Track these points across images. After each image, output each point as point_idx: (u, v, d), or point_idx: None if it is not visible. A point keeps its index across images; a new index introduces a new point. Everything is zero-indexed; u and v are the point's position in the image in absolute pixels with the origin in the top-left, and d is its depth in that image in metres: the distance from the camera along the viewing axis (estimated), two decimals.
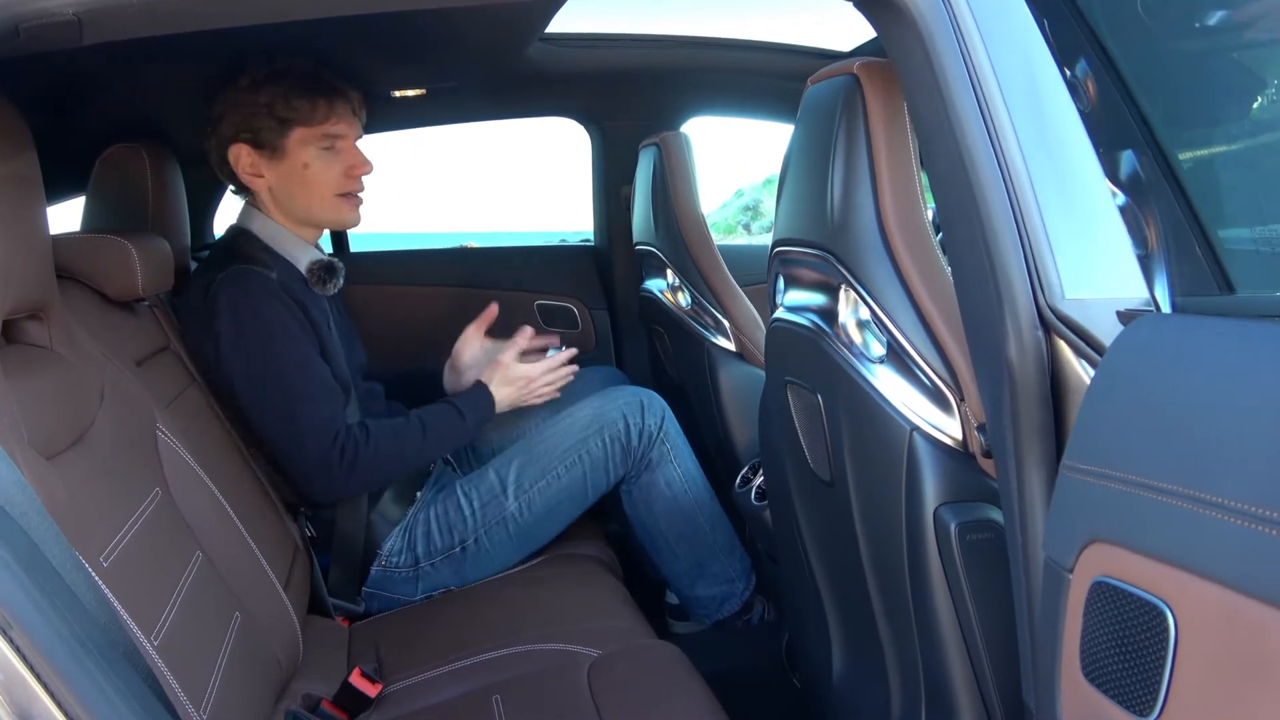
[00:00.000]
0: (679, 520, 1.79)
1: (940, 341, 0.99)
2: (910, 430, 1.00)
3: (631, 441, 1.72)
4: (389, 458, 1.59)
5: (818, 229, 1.12)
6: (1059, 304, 0.76)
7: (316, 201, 1.65)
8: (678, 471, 1.78)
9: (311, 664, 1.43)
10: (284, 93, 1.58)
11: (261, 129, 1.60)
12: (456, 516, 1.67)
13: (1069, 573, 0.59)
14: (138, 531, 1.05)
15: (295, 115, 1.59)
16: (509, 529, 1.68)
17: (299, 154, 1.62)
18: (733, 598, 1.84)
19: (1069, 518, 0.61)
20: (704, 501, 1.82)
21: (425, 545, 1.67)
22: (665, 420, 1.76)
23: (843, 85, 1.06)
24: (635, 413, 1.73)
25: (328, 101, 1.61)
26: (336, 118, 1.62)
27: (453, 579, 1.68)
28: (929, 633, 1.03)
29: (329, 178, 1.64)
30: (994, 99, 0.80)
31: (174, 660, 0.96)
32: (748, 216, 11.70)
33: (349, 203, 1.68)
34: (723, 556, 1.83)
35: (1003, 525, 0.96)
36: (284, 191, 1.65)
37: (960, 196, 0.81)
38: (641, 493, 1.77)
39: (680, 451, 1.78)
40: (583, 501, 1.73)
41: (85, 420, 1.06)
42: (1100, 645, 0.55)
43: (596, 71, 2.09)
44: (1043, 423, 0.78)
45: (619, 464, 1.73)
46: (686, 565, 1.81)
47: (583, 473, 1.70)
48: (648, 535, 1.81)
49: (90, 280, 1.33)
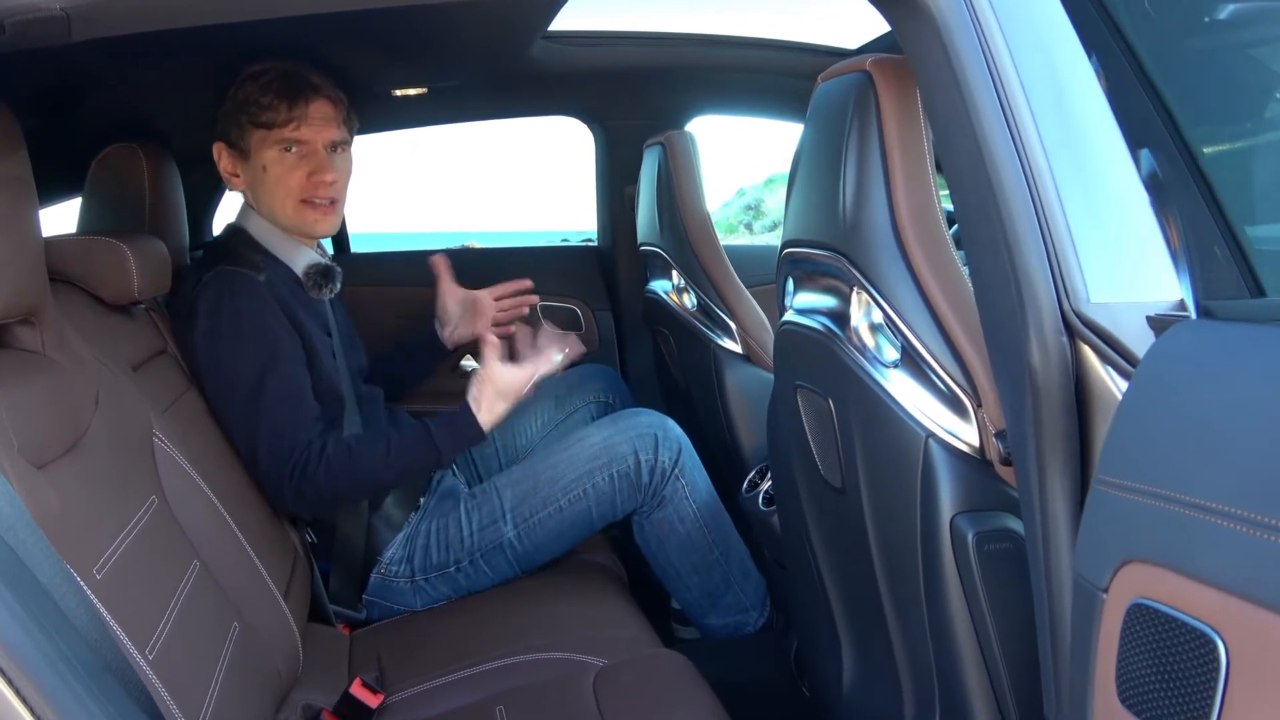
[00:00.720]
0: (692, 555, 1.71)
1: (956, 345, 0.96)
2: (925, 437, 0.97)
3: (642, 479, 1.64)
4: (342, 479, 1.49)
5: (829, 229, 1.09)
6: (1084, 308, 0.74)
7: (279, 206, 1.60)
8: (692, 508, 1.69)
9: (312, 674, 1.40)
10: (256, 92, 1.55)
11: (233, 128, 1.58)
12: (455, 536, 1.63)
13: (1103, 592, 0.56)
14: (133, 541, 1.03)
15: (260, 117, 1.55)
16: (505, 555, 1.63)
17: (259, 155, 1.58)
18: (745, 626, 1.79)
19: (1102, 534, 0.58)
20: (720, 536, 1.74)
21: (423, 559, 1.63)
22: (681, 455, 1.67)
23: (855, 83, 1.03)
24: (648, 448, 1.64)
25: (289, 104, 1.55)
26: (296, 122, 1.56)
27: (450, 593, 1.65)
28: (945, 644, 1.00)
29: (289, 183, 1.58)
30: (1015, 95, 0.77)
31: (169, 674, 0.94)
32: (749, 216, 11.69)
33: (314, 210, 1.60)
34: (737, 586, 1.77)
35: (1022, 535, 0.93)
36: (254, 194, 1.62)
37: (980, 196, 0.78)
38: (654, 529, 1.69)
39: (696, 484, 1.70)
40: (587, 531, 1.67)
41: (79, 427, 1.04)
42: (1140, 671, 0.52)
43: (600, 70, 2.06)
44: (1066, 431, 0.75)
45: (627, 500, 1.65)
46: (699, 596, 1.75)
47: (587, 506, 1.63)
48: (660, 568, 1.75)
49: (85, 283, 1.31)
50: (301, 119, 1.56)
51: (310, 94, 1.57)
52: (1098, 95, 0.76)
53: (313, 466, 1.47)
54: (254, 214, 1.65)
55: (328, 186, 1.59)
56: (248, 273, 1.53)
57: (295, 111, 1.55)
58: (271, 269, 1.58)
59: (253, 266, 1.55)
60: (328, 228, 1.65)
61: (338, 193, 1.63)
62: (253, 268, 1.55)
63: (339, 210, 1.65)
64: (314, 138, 1.58)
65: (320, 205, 1.61)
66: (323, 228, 1.64)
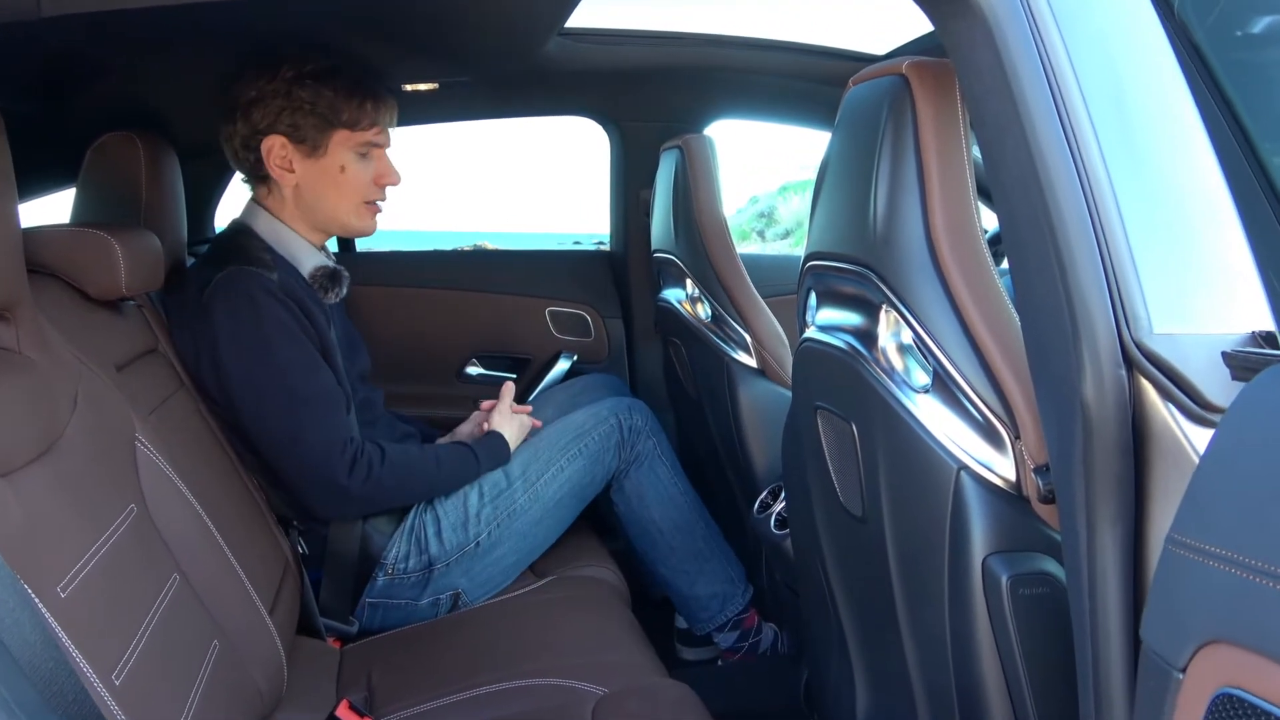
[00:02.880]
0: (673, 510, 1.81)
1: (994, 371, 0.89)
2: (957, 469, 0.90)
3: (623, 435, 1.77)
4: (400, 481, 1.56)
5: (857, 242, 1.02)
6: (1146, 339, 0.66)
7: (345, 205, 1.61)
8: (665, 465, 1.82)
9: (298, 692, 1.34)
10: (333, 92, 1.55)
11: (304, 125, 1.55)
12: (469, 513, 1.64)
13: (1180, 672, 0.49)
14: (107, 553, 0.96)
15: (342, 117, 1.56)
16: (519, 523, 1.66)
17: (337, 155, 1.58)
18: (734, 598, 1.84)
19: (1179, 604, 0.51)
20: (694, 501, 1.85)
21: (438, 545, 1.62)
22: (650, 420, 1.81)
23: (890, 86, 0.97)
24: (624, 412, 1.78)
25: (375, 109, 1.58)
26: (379, 127, 1.60)
27: (462, 579, 1.62)
28: (972, 694, 0.93)
29: (360, 183, 1.61)
30: (1073, 101, 0.70)
31: (136, 700, 0.87)
32: (762, 223, 11.64)
33: (371, 210, 1.65)
34: (719, 554, 1.85)
35: (1061, 579, 0.86)
36: (311, 190, 1.60)
37: (1031, 212, 0.72)
38: (633, 487, 1.80)
39: (665, 449, 1.83)
40: (583, 494, 1.74)
41: (53, 431, 0.97)
42: None
43: (616, 69, 1.99)
44: (1121, 475, 0.68)
45: (613, 456, 1.76)
46: (684, 559, 1.82)
47: (584, 464, 1.72)
48: (644, 532, 1.82)
49: (70, 277, 1.24)
50: (383, 125, 1.61)
51: (387, 100, 1.62)
52: (1171, 101, 0.69)
53: (375, 466, 1.51)
54: (262, 212, 1.61)
55: (386, 190, 1.65)
56: (262, 272, 1.49)
57: (380, 116, 1.60)
58: (281, 269, 1.54)
59: (265, 266, 1.51)
60: (375, 226, 1.69)
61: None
62: (266, 267, 1.51)
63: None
64: (385, 143, 1.63)
65: (376, 206, 1.66)
66: (372, 227, 1.69)
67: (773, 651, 1.84)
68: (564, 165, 7.60)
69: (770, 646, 1.85)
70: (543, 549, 1.72)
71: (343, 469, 1.48)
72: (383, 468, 1.52)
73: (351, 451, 1.49)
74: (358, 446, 1.50)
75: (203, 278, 1.49)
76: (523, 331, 2.35)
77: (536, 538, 1.69)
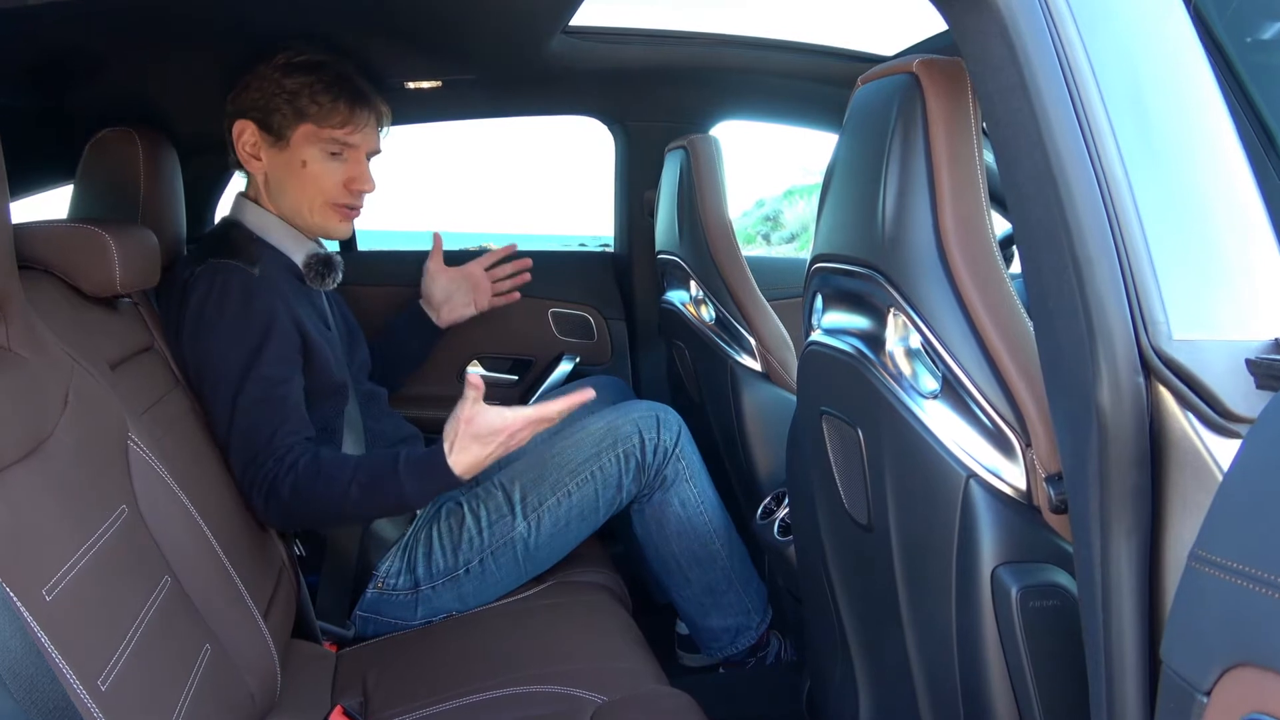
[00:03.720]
0: (693, 543, 1.70)
1: (1004, 377, 0.86)
2: (966, 477, 0.87)
3: (646, 458, 1.63)
4: (304, 499, 1.36)
5: (865, 244, 1.00)
6: (1165, 345, 0.64)
7: (305, 202, 1.56)
8: (693, 491, 1.69)
9: (292, 696, 1.31)
10: (310, 84, 1.51)
11: (274, 112, 1.52)
12: (462, 536, 1.57)
13: (1204, 695, 0.46)
14: (96, 555, 0.94)
15: (311, 110, 1.51)
16: (516, 550, 1.58)
17: (301, 149, 1.54)
18: (748, 631, 1.75)
19: (1203, 624, 0.49)
20: (719, 526, 1.72)
21: (426, 566, 1.57)
22: (681, 436, 1.67)
23: (900, 85, 0.94)
24: (651, 428, 1.64)
25: (349, 107, 1.53)
26: (353, 127, 1.54)
27: (454, 602, 1.58)
28: (978, 708, 0.91)
29: (326, 183, 1.56)
30: (1091, 100, 0.68)
31: (121, 707, 0.85)
32: (768, 227, 11.62)
33: (339, 213, 1.59)
34: (738, 586, 1.74)
35: (1072, 592, 0.84)
36: (277, 182, 1.57)
37: (1046, 213, 0.69)
38: (654, 512, 1.68)
39: (696, 471, 1.69)
40: (593, 520, 1.64)
41: (42, 430, 0.95)
42: None
43: (621, 68, 1.97)
44: (1137, 486, 0.66)
45: (632, 481, 1.64)
46: (699, 592, 1.72)
47: (594, 490, 1.61)
48: (659, 559, 1.72)
49: (63, 274, 1.22)
50: (358, 125, 1.55)
51: (369, 104, 1.56)
52: (1196, 96, 0.66)
53: (280, 477, 1.36)
54: (250, 205, 1.59)
55: (361, 195, 1.59)
56: (241, 265, 1.46)
57: (355, 118, 1.54)
58: (268, 261, 1.52)
59: (247, 259, 1.48)
60: (347, 230, 1.63)
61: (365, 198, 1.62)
62: (247, 260, 1.48)
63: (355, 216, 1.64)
64: (361, 145, 1.57)
65: (348, 209, 1.59)
66: (343, 230, 1.62)
67: (776, 659, 1.81)
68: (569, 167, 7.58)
69: (774, 655, 1.82)
70: (541, 570, 1.64)
71: (250, 474, 1.37)
72: (287, 477, 1.36)
73: (263, 459, 1.37)
74: (275, 454, 1.37)
75: (186, 271, 1.47)
76: (525, 332, 2.33)
77: (535, 563, 1.62)
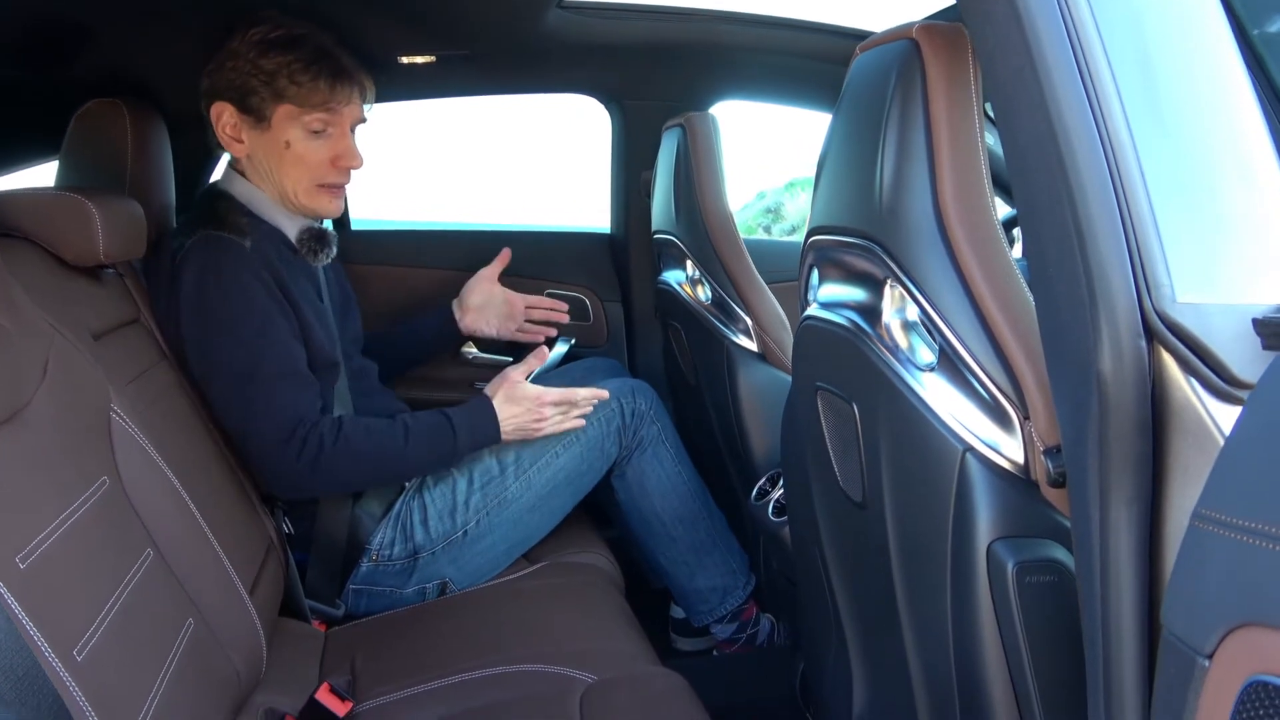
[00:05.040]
0: (674, 501, 1.75)
1: (1003, 348, 0.85)
2: (963, 450, 0.86)
3: (625, 420, 1.70)
4: (358, 460, 1.45)
5: (862, 215, 0.98)
6: (1168, 308, 0.62)
7: (291, 184, 1.53)
8: (670, 453, 1.75)
9: (279, 674, 1.30)
10: (288, 64, 1.46)
11: (251, 94, 1.48)
12: (456, 500, 1.59)
13: (1206, 659, 0.45)
14: (75, 525, 0.93)
15: (291, 91, 1.47)
16: (509, 511, 1.61)
17: (283, 130, 1.50)
18: (734, 591, 1.79)
19: (1206, 585, 0.47)
20: (698, 488, 1.79)
21: (424, 533, 1.57)
22: (655, 403, 1.75)
23: (899, 51, 0.92)
24: (627, 395, 1.72)
25: (330, 85, 1.49)
26: (336, 103, 1.50)
27: (450, 568, 1.58)
28: (973, 684, 0.89)
29: (312, 163, 1.52)
30: (1095, 58, 0.66)
31: (97, 679, 0.83)
32: (769, 219, 11.60)
33: (328, 193, 1.55)
34: (722, 546, 1.79)
35: (1069, 567, 0.82)
36: (262, 164, 1.53)
37: (1048, 175, 0.67)
38: (635, 474, 1.74)
39: (671, 434, 1.76)
40: (579, 484, 1.68)
41: (19, 398, 0.93)
42: None
43: (618, 44, 1.94)
44: (1139, 453, 0.64)
45: (613, 443, 1.70)
46: (685, 551, 1.77)
47: (580, 452, 1.66)
48: (643, 522, 1.76)
49: (45, 242, 1.20)
50: (340, 102, 1.51)
51: (350, 78, 1.52)
52: (1207, 50, 0.64)
53: (329, 443, 1.42)
54: (239, 178, 1.55)
55: (349, 171, 1.55)
56: (233, 238, 1.44)
57: (337, 95, 1.50)
58: (260, 234, 1.49)
59: (238, 232, 1.45)
60: (337, 208, 1.59)
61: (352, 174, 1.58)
62: (238, 233, 1.45)
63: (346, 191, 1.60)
64: (345, 120, 1.53)
65: (335, 188, 1.56)
66: (333, 208, 1.58)
67: (769, 643, 1.80)
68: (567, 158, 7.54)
69: (767, 638, 1.81)
70: (536, 539, 1.67)
71: (292, 449, 1.40)
72: (336, 445, 1.42)
73: (303, 432, 1.41)
74: (310, 425, 1.42)
75: (176, 243, 1.45)
76: None
77: (528, 527, 1.64)
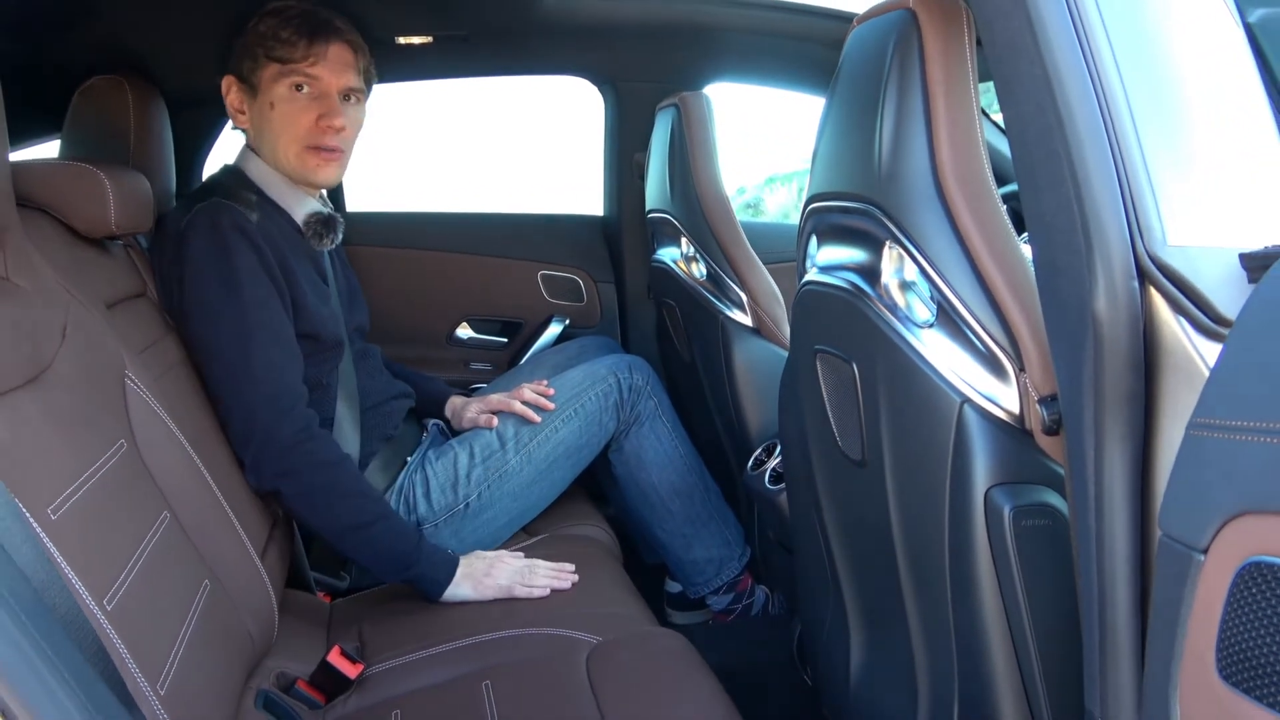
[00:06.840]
0: (671, 474, 1.78)
1: (999, 302, 0.88)
2: (960, 402, 0.89)
3: (623, 394, 1.73)
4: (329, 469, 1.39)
5: (862, 179, 1.01)
6: (1160, 251, 0.66)
7: (281, 148, 1.52)
8: (666, 426, 1.78)
9: (288, 641, 1.32)
10: (276, 26, 1.48)
11: (245, 61, 1.51)
12: (457, 472, 1.62)
13: (1201, 554, 0.48)
14: (96, 484, 0.95)
15: (274, 51, 1.48)
16: (510, 484, 1.64)
17: (269, 91, 1.51)
18: (730, 562, 1.83)
19: (1201, 486, 0.50)
20: (694, 462, 1.82)
21: (427, 505, 1.60)
22: (651, 378, 1.77)
23: (897, 21, 0.95)
24: (624, 370, 1.74)
25: (309, 38, 1.48)
26: (315, 58, 1.49)
27: (451, 540, 1.60)
28: (971, 630, 0.93)
29: (297, 125, 1.50)
30: (1089, 15, 0.69)
31: (129, 628, 0.86)
32: (749, 214, 11.67)
33: (318, 156, 1.52)
34: (718, 518, 1.83)
35: (1063, 512, 0.86)
36: (259, 134, 1.54)
37: (1043, 130, 0.70)
38: (633, 448, 1.76)
39: (667, 408, 1.79)
40: (578, 458, 1.71)
41: (42, 359, 0.95)
42: (1254, 642, 0.45)
43: (612, 24, 1.97)
44: (1131, 391, 0.67)
45: (611, 417, 1.72)
46: (681, 523, 1.80)
47: (579, 426, 1.69)
48: (641, 496, 1.79)
49: (58, 212, 1.22)
50: (319, 58, 1.49)
51: (332, 34, 1.51)
52: (1201, 9, 0.68)
53: (315, 428, 1.40)
54: (254, 157, 1.56)
55: (336, 133, 1.52)
56: (242, 210, 1.45)
57: (314, 49, 1.49)
58: (268, 213, 1.51)
59: (246, 205, 1.47)
60: (330, 176, 1.57)
61: (345, 142, 1.56)
62: (247, 205, 1.47)
63: (343, 162, 1.58)
64: (329, 80, 1.51)
65: (324, 152, 1.53)
66: (324, 175, 1.56)
67: (764, 613, 1.84)
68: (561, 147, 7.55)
69: (762, 608, 1.85)
70: (535, 512, 1.70)
71: (283, 421, 1.37)
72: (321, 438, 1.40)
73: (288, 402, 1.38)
74: (297, 395, 1.40)
75: (182, 211, 1.46)
76: (514, 295, 2.33)
77: (529, 500, 1.67)
